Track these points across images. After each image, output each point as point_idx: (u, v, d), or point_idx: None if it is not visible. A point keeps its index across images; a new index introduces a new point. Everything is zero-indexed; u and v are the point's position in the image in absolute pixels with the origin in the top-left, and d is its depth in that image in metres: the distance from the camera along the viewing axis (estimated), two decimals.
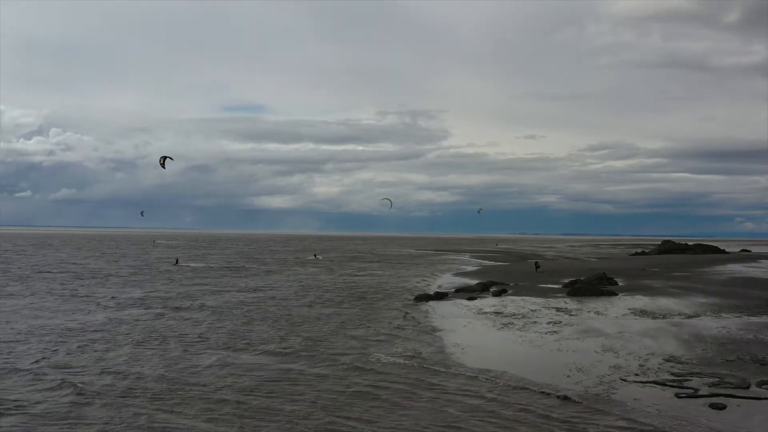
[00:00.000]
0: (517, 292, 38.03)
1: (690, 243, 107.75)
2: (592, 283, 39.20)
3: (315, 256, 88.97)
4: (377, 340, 22.57)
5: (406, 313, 29.58)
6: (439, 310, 30.55)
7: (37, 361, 18.69)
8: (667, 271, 53.87)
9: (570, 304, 32.03)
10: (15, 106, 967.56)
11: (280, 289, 41.48)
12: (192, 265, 68.50)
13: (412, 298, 35.66)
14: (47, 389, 15.73)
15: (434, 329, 24.86)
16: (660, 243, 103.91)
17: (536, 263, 60.98)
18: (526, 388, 15.75)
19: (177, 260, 74.07)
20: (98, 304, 32.49)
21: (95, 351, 20.32)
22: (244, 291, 40.19)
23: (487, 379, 16.74)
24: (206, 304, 32.88)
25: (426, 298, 35.06)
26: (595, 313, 28.63)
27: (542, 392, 15.38)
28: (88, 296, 35.91)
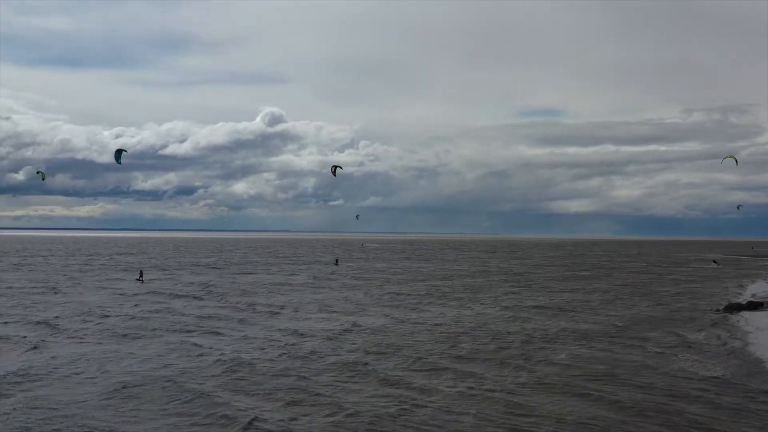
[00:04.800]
0: None
1: None
2: None
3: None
4: (684, 352, 22.11)
5: (715, 322, 28.39)
6: (752, 321, 28.62)
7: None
8: None
9: None
10: (331, 122, 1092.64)
11: (593, 293, 42.38)
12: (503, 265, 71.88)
13: (722, 307, 33.84)
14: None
15: (747, 342, 23.67)
16: None
17: None
18: None
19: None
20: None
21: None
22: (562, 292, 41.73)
23: None
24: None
25: (737, 307, 33.02)
26: None
27: None
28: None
